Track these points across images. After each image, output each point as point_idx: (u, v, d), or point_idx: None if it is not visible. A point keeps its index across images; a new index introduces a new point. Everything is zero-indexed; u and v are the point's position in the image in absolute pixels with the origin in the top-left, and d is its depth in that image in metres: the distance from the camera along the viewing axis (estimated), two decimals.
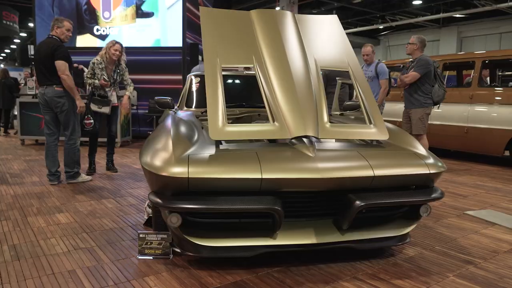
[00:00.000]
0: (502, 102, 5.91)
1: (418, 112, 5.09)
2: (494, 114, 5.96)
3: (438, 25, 21.88)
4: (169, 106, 3.91)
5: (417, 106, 5.09)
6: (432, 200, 2.42)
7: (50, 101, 4.35)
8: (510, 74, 8.15)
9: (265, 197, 2.21)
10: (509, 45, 20.26)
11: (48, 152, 4.47)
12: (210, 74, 2.61)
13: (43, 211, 3.55)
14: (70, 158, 4.51)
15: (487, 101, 6.08)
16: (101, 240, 2.89)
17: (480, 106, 6.15)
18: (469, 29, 21.61)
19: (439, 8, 19.33)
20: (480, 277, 2.40)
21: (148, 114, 8.55)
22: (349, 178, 2.26)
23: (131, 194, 4.21)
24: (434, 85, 5.11)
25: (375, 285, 2.27)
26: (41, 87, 4.38)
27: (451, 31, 21.80)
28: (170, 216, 2.23)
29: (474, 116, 6.20)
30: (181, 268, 2.44)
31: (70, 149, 4.49)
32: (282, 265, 2.48)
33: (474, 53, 6.58)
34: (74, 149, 4.51)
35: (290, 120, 2.50)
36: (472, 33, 21.66)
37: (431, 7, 19.30)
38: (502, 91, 6.03)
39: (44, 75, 4.34)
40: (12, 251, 2.66)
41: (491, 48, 20.56)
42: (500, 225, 3.36)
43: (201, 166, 2.17)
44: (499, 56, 6.34)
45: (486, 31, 21.16)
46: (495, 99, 6.00)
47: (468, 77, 7.20)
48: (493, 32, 21.01)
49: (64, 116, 4.42)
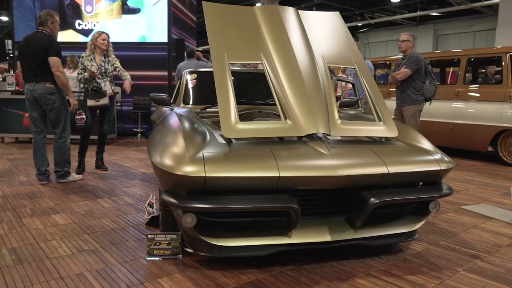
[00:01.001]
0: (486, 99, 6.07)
1: (410, 109, 5.16)
2: (478, 110, 6.11)
3: (415, 23, 22.31)
4: (165, 103, 3.84)
5: (409, 103, 5.15)
6: (444, 196, 2.46)
7: (40, 98, 4.19)
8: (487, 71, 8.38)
9: (282, 196, 2.19)
10: (483, 43, 20.87)
11: (36, 151, 4.32)
12: (219, 71, 2.56)
13: (37, 212, 3.42)
14: (60, 157, 4.36)
15: (472, 98, 6.23)
16: (104, 241, 2.81)
17: (465, 103, 6.30)
18: (444, 27, 22.13)
19: (416, 6, 19.72)
20: (489, 271, 2.45)
21: (133, 111, 8.38)
22: (365, 176, 2.27)
23: (126, 193, 4.11)
24: (425, 81, 5.17)
25: (390, 281, 2.29)
26: (29, 83, 4.21)
27: (428, 29, 22.26)
28: (185, 216, 2.18)
29: (460, 113, 6.34)
30: (193, 269, 2.39)
31: (60, 148, 4.35)
32: (294, 264, 2.47)
33: (459, 51, 6.73)
34: (65, 147, 4.38)
35: (301, 117, 2.48)
36: (447, 31, 22.18)
37: (408, 5, 19.66)
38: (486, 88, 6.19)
39: (33, 71, 4.17)
40: (13, 254, 2.55)
41: (466, 46, 21.14)
42: (497, 219, 3.44)
43: (217, 164, 2.13)
44: (484, 54, 6.50)
45: (461, 29, 21.71)
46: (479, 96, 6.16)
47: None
48: (467, 31, 21.57)
49: (54, 113, 4.27)
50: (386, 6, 19.49)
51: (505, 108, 5.86)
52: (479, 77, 7.15)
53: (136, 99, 8.46)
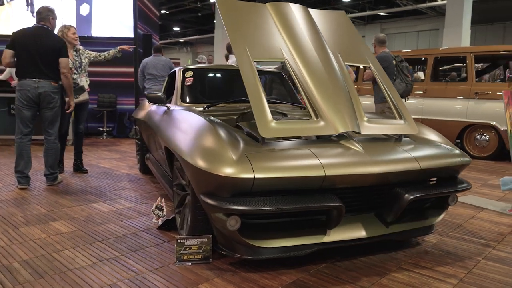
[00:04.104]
0: (453, 95, 6.45)
1: (379, 106, 5.38)
2: (446, 106, 6.48)
3: (364, 22, 23.19)
4: (161, 101, 3.69)
5: (379, 101, 5.36)
6: (467, 188, 2.58)
7: (45, 95, 3.99)
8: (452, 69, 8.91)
9: (327, 194, 2.19)
10: (426, 42, 22.15)
11: (23, 152, 4.00)
12: (246, 71, 2.49)
13: (32, 220, 3.17)
14: (55, 158, 4.18)
15: (440, 95, 6.59)
16: (122, 248, 2.66)
17: (433, 100, 6.65)
18: (391, 27, 23.18)
19: (365, 6, 20.52)
20: (506, 258, 2.61)
21: (97, 109, 7.97)
22: (402, 172, 2.32)
23: (120, 196, 3.91)
24: (395, 80, 5.38)
25: (423, 273, 2.37)
26: (32, 80, 3.94)
27: (375, 28, 23.20)
28: (229, 219, 2.12)
29: (428, 109, 6.69)
30: (229, 272, 2.33)
31: (56, 149, 4.17)
32: (326, 261, 2.49)
33: (427, 49, 7.09)
34: (58, 148, 4.23)
35: (331, 116, 2.49)
36: (393, 31, 23.26)
37: (358, 4, 20.41)
38: (452, 86, 6.57)
39: (38, 67, 3.95)
40: (28, 268, 2.34)
41: (410, 44, 22.33)
42: (488, 209, 3.67)
43: (264, 165, 2.08)
44: (450, 54, 6.89)
45: (406, 29, 22.87)
46: (446, 93, 6.53)
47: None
48: (411, 30, 22.77)
49: (53, 113, 4.09)
50: (337, 5, 20.09)
51: (470, 105, 6.26)
52: (445, 75, 7.57)
53: (101, 97, 8.06)
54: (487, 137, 6.23)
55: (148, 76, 6.77)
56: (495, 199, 4.02)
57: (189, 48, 32.22)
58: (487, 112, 6.11)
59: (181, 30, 28.56)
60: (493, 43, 18.40)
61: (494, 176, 5.06)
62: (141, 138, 4.79)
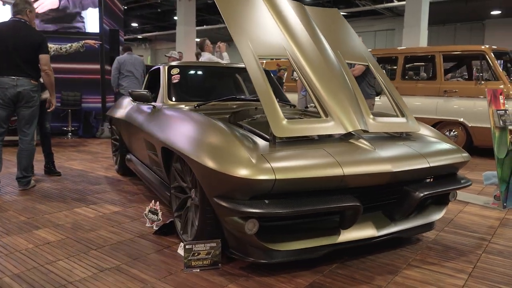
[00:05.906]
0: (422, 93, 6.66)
1: (367, 102, 5.43)
2: (417, 104, 6.68)
3: None
4: (147, 100, 3.52)
5: (366, 97, 5.42)
6: (468, 185, 2.64)
7: (24, 94, 3.71)
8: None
9: (345, 195, 2.15)
10: (382, 42, 22.85)
11: None
12: (253, 69, 2.40)
13: (13, 229, 2.91)
14: (29, 160, 3.92)
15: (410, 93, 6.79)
16: (121, 256, 2.49)
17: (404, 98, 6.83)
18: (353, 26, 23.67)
19: (324, 5, 20.85)
20: (505, 251, 2.70)
21: (61, 108, 7.53)
22: (413, 170, 2.33)
23: (103, 199, 3.70)
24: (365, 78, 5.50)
25: (434, 270, 2.39)
26: (9, 77, 3.65)
27: None
28: (247, 222, 2.03)
29: None
30: (242, 278, 2.25)
31: (32, 150, 3.92)
32: (336, 262, 2.46)
33: (398, 48, 7.26)
34: (33, 150, 3.96)
35: (340, 115, 2.45)
36: None
37: (318, 4, 20.69)
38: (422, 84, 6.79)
39: (16, 64, 3.67)
40: (22, 283, 2.13)
41: (367, 44, 22.88)
42: (472, 203, 3.80)
43: (284, 166, 2.01)
44: (420, 53, 7.11)
45: (363, 29, 23.44)
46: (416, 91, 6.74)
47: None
48: (368, 30, 23.41)
49: (31, 112, 3.81)
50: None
51: (440, 103, 6.49)
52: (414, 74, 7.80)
53: (65, 95, 7.63)
54: (455, 133, 6.48)
55: (126, 73, 6.61)
56: (475, 193, 4.17)
57: (148, 45, 31.38)
58: (455, 110, 6.35)
59: (139, 26, 27.73)
60: (445, 43, 19.26)
61: (468, 171, 5.26)
62: (120, 138, 4.56)
